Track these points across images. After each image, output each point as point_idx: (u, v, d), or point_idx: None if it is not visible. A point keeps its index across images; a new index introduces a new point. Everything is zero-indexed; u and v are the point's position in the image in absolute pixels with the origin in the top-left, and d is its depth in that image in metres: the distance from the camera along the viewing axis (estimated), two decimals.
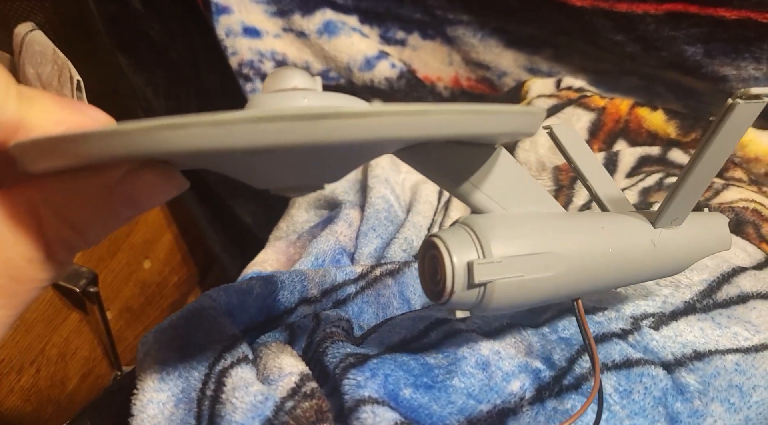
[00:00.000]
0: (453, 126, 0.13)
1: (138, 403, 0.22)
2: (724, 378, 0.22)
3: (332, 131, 0.12)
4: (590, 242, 0.20)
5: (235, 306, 0.26)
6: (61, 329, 0.47)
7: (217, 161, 0.15)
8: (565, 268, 0.19)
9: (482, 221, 0.19)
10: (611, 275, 0.21)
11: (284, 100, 0.16)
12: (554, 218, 0.20)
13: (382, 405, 0.20)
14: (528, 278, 0.18)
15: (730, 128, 0.18)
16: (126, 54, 0.55)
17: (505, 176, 0.20)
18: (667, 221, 0.21)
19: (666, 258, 0.22)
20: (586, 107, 0.40)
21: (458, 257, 0.18)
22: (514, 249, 0.18)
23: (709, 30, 0.41)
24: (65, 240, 0.16)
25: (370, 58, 0.54)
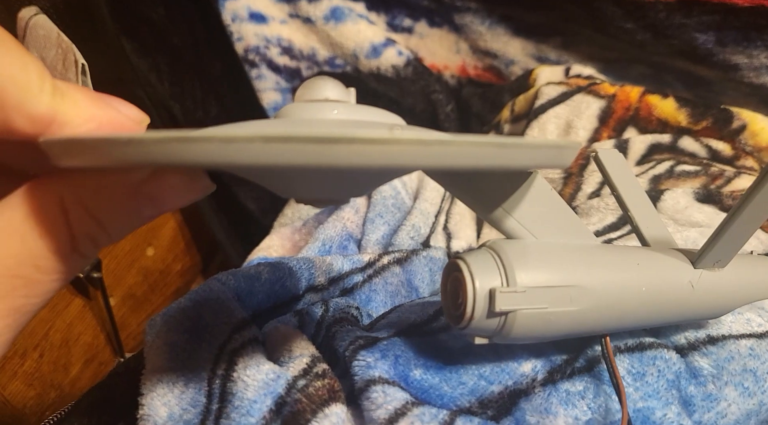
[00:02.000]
0: (473, 158, 0.13)
1: (148, 382, 0.22)
2: (738, 363, 0.22)
3: (345, 156, 0.11)
4: (622, 279, 0.19)
5: (243, 291, 0.26)
6: (65, 314, 0.47)
7: (240, 170, 0.15)
8: (593, 303, 0.18)
9: (509, 248, 0.18)
10: (643, 314, 0.20)
11: (314, 112, 0.16)
12: (586, 250, 0.19)
13: (392, 385, 0.20)
14: (552, 310, 0.18)
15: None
16: (130, 38, 0.54)
17: (540, 202, 0.19)
18: (709, 263, 0.20)
19: (705, 301, 0.21)
20: (595, 94, 0.40)
21: (481, 282, 0.18)
22: (540, 280, 0.18)
23: (721, 17, 0.41)
24: (90, 234, 0.16)
25: (377, 46, 0.54)
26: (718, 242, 0.20)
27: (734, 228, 0.19)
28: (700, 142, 0.37)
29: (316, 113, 0.16)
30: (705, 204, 0.31)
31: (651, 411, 0.20)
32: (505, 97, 0.50)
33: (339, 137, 0.11)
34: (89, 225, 0.16)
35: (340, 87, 0.17)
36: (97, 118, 0.15)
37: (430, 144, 0.12)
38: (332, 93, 0.16)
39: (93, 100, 0.15)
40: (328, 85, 0.16)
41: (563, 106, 0.41)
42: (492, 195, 0.18)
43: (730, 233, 0.19)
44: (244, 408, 0.19)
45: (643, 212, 0.24)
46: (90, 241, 0.16)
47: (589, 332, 0.20)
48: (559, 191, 0.38)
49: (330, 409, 0.19)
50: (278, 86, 0.56)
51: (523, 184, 0.18)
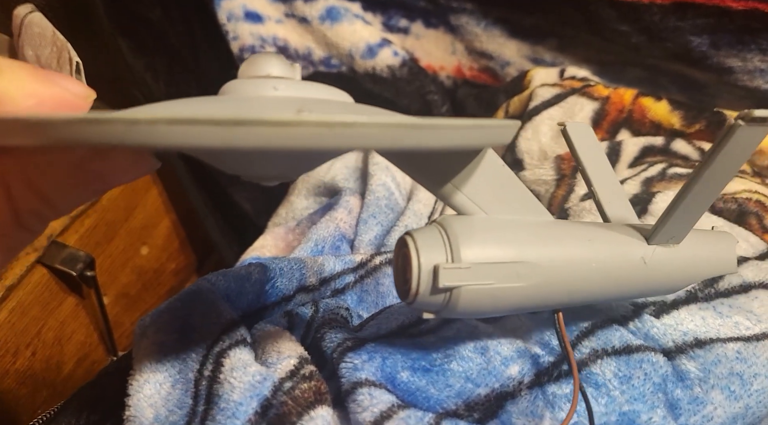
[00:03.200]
0: (383, 140, 0.12)
1: (135, 383, 0.22)
2: (725, 366, 0.22)
3: (248, 138, 0.11)
4: (572, 255, 0.19)
5: (233, 291, 0.26)
6: (57, 312, 0.47)
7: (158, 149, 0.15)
8: (540, 279, 0.18)
9: (457, 223, 0.18)
10: (594, 289, 0.20)
11: (254, 89, 0.15)
12: (537, 226, 0.19)
13: (379, 387, 0.20)
14: (498, 286, 0.18)
15: (731, 151, 0.17)
16: (126, 38, 0.54)
17: (490, 178, 0.19)
18: (662, 239, 0.20)
19: (658, 277, 0.21)
20: (589, 96, 0.40)
21: (426, 258, 0.17)
22: (486, 255, 0.18)
23: (715, 20, 0.41)
24: (35, 210, 0.16)
25: (373, 46, 0.54)
26: (671, 217, 0.19)
27: (687, 203, 0.19)
28: (692, 145, 0.37)
29: (256, 90, 0.16)
30: None
31: (636, 414, 0.20)
32: (500, 98, 0.50)
33: (241, 120, 0.11)
34: (33, 201, 0.16)
35: (284, 63, 0.16)
36: (38, 94, 0.14)
37: (334, 126, 0.12)
38: (275, 69, 0.16)
39: (35, 77, 0.14)
40: (271, 61, 0.16)
41: (557, 108, 0.41)
42: (440, 171, 0.18)
43: (683, 209, 0.19)
44: (229, 411, 0.19)
45: (607, 187, 0.23)
46: (36, 216, 0.16)
47: (540, 307, 0.20)
48: (552, 192, 0.38)
49: (316, 412, 0.19)
50: None
51: (473, 160, 0.18)
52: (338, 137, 0.12)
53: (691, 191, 0.18)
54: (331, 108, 0.15)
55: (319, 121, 0.12)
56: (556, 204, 0.38)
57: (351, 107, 0.16)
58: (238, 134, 0.11)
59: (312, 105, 0.15)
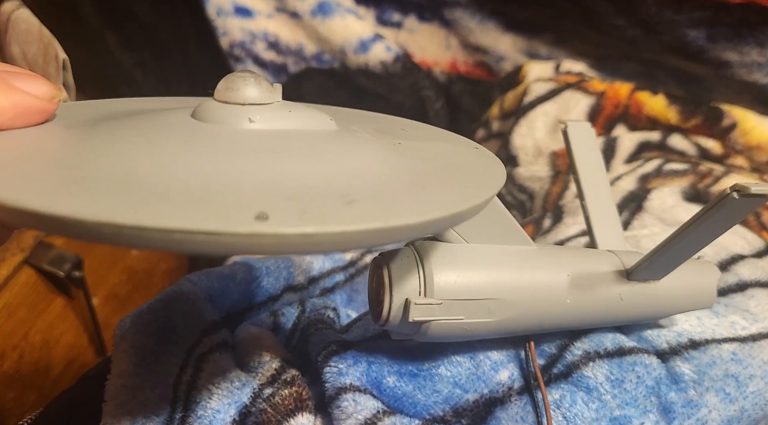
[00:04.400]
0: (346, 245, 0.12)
1: (112, 388, 0.21)
2: (720, 368, 0.21)
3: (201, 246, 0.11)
4: (546, 292, 0.19)
5: (216, 291, 0.25)
6: (45, 314, 0.46)
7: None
8: (512, 315, 0.18)
9: (433, 252, 0.18)
10: (565, 322, 0.20)
11: (230, 118, 0.15)
12: (515, 257, 0.19)
13: (364, 393, 0.19)
14: (468, 321, 0.18)
15: (722, 218, 0.17)
16: (114, 33, 0.54)
17: None
18: (643, 277, 0.20)
19: (633, 312, 0.21)
20: (584, 91, 0.39)
21: (399, 288, 0.17)
22: (459, 291, 0.18)
23: (712, 14, 0.40)
24: None
25: (365, 41, 0.53)
26: (655, 261, 0.19)
27: (673, 251, 0.19)
28: (689, 140, 0.36)
29: (233, 121, 0.15)
30: (692, 203, 0.31)
31: (628, 419, 0.19)
32: (495, 93, 0.50)
33: (196, 230, 0.11)
34: None
35: (263, 85, 0.15)
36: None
37: (292, 237, 0.11)
38: (252, 93, 0.15)
39: None
40: (249, 84, 0.15)
41: (552, 103, 0.40)
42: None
43: (669, 255, 0.19)
44: (206, 418, 0.18)
45: (600, 205, 0.23)
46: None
47: (510, 335, 0.20)
48: (546, 189, 0.38)
49: (296, 420, 0.18)
50: None
51: None
52: (295, 246, 0.11)
53: (677, 243, 0.18)
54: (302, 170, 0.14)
55: (275, 233, 0.11)
56: (551, 201, 0.37)
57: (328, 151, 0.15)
58: (191, 241, 0.11)
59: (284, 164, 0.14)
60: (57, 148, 0.14)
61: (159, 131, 0.14)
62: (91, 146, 0.14)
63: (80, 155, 0.13)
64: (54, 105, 0.15)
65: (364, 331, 0.23)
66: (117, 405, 0.20)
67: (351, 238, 0.12)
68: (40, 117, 0.14)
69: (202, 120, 0.15)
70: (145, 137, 0.14)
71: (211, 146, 0.14)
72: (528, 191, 0.39)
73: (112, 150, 0.13)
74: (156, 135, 0.14)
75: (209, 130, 0.15)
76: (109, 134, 0.14)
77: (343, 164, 0.14)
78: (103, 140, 0.14)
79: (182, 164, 0.13)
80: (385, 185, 0.14)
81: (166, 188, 0.12)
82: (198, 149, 0.14)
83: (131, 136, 0.14)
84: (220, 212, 0.11)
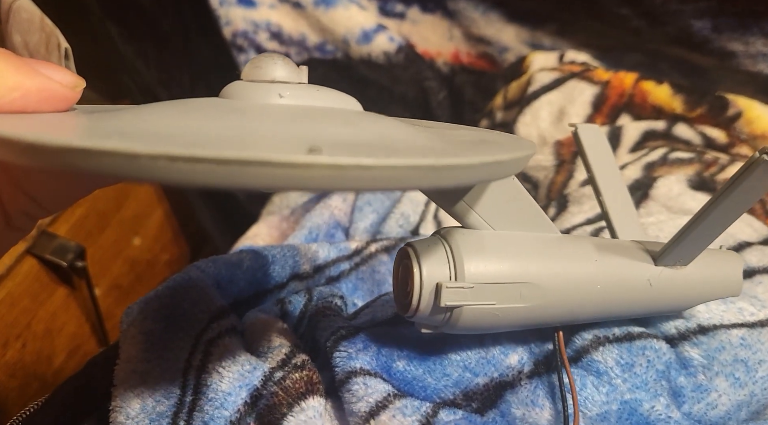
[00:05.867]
0: (401, 182, 0.12)
1: (121, 373, 0.21)
2: (729, 353, 0.21)
3: (256, 179, 0.11)
4: (577, 276, 0.19)
5: (223, 278, 0.25)
6: (48, 304, 0.46)
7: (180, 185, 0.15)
8: (543, 300, 0.18)
9: (461, 239, 0.18)
10: (597, 310, 0.20)
11: (260, 95, 0.15)
12: (543, 243, 0.19)
13: (374, 376, 0.19)
14: (500, 307, 0.18)
15: (751, 185, 0.16)
16: (116, 23, 0.53)
17: (500, 194, 0.18)
18: (670, 261, 0.20)
19: (663, 299, 0.20)
20: (589, 81, 0.39)
21: (428, 274, 0.17)
22: (490, 275, 0.17)
23: (717, 4, 0.40)
24: (24, 211, 0.15)
25: (368, 31, 0.53)
26: (682, 242, 0.19)
27: (698, 232, 0.18)
28: (694, 129, 0.36)
29: (261, 96, 0.15)
30: (698, 191, 0.30)
31: (638, 403, 0.19)
32: (498, 84, 0.49)
33: (249, 159, 0.10)
34: (24, 202, 0.15)
35: (290, 66, 0.16)
36: (22, 86, 0.14)
37: (348, 169, 0.11)
38: (281, 72, 0.15)
39: (18, 68, 0.14)
40: (277, 63, 0.15)
41: (556, 92, 0.40)
42: (454, 191, 0.18)
43: (696, 235, 0.19)
44: (218, 401, 0.18)
45: (617, 199, 0.23)
46: (25, 216, 0.16)
47: (541, 325, 0.20)
48: (551, 178, 0.38)
49: (307, 403, 0.18)
50: None
51: None
52: (351, 180, 0.11)
53: (706, 219, 0.18)
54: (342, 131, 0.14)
55: (331, 163, 0.11)
56: (556, 190, 0.37)
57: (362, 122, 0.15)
58: (245, 173, 0.11)
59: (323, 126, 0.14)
60: (87, 120, 0.14)
61: (189, 106, 0.14)
62: (122, 117, 0.14)
63: (112, 122, 0.13)
64: (77, 94, 0.15)
65: (372, 317, 0.23)
66: (127, 388, 0.20)
67: (405, 174, 0.12)
68: (64, 104, 0.15)
69: (231, 98, 0.15)
70: (176, 109, 0.14)
71: (245, 112, 0.14)
72: (532, 180, 0.39)
73: (145, 118, 0.13)
74: (187, 108, 0.14)
75: (240, 104, 0.15)
76: (138, 111, 0.14)
77: (380, 130, 0.14)
78: (132, 114, 0.14)
79: (220, 123, 0.13)
80: (425, 145, 0.14)
81: (210, 134, 0.12)
82: (232, 113, 0.14)
83: (161, 110, 0.14)
84: (272, 146, 0.11)
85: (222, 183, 0.11)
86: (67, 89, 0.14)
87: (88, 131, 0.12)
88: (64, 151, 0.11)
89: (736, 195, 0.17)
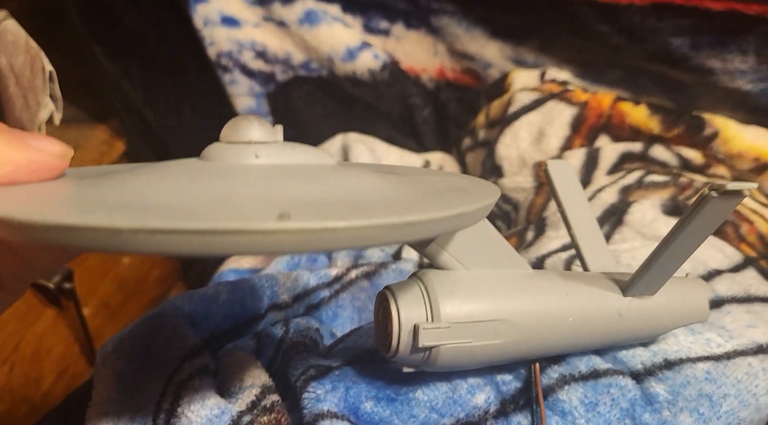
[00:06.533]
0: (366, 240, 0.13)
1: (93, 415, 0.21)
2: (693, 388, 0.21)
3: (228, 245, 0.11)
4: (549, 310, 0.20)
5: (199, 314, 0.26)
6: (35, 326, 0.47)
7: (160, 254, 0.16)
8: (518, 336, 0.19)
9: (437, 280, 0.19)
10: (570, 342, 0.20)
11: (236, 156, 0.16)
12: (516, 280, 0.20)
13: (341, 419, 0.20)
14: (476, 344, 0.18)
15: (703, 219, 0.17)
16: (101, 43, 0.53)
17: (472, 235, 0.19)
18: (638, 292, 0.21)
19: (633, 329, 0.21)
20: (568, 102, 0.40)
21: (406, 316, 0.18)
22: (466, 314, 0.18)
23: (694, 21, 0.40)
24: (17, 274, 0.16)
25: (353, 49, 0.53)
26: (647, 273, 0.20)
27: (662, 261, 0.19)
28: (671, 150, 0.37)
29: (240, 157, 0.16)
30: (672, 217, 0.31)
31: None
32: (481, 101, 0.50)
33: (222, 229, 0.11)
34: (16, 265, 0.16)
35: (266, 126, 0.16)
36: (13, 160, 0.14)
37: (315, 232, 0.12)
38: (257, 133, 0.16)
39: (8, 142, 0.14)
40: (253, 126, 0.16)
41: (536, 113, 0.40)
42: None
43: (659, 266, 0.19)
44: None
45: (587, 233, 0.24)
46: (18, 279, 0.16)
47: (517, 359, 0.20)
48: (531, 200, 0.38)
49: None
50: (252, 91, 0.56)
51: None
52: (319, 242, 0.12)
53: (666, 251, 0.19)
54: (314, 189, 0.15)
55: (300, 228, 0.12)
56: (535, 212, 0.37)
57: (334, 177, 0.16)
58: (220, 242, 0.11)
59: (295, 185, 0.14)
60: (73, 190, 0.15)
61: (170, 170, 0.15)
62: (106, 186, 0.14)
63: (97, 192, 0.14)
64: (65, 162, 0.16)
65: (344, 354, 0.23)
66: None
67: (369, 233, 0.12)
68: (53, 174, 0.15)
69: (211, 160, 0.16)
70: (158, 175, 0.15)
71: (223, 175, 0.15)
72: (513, 201, 0.39)
73: (128, 186, 0.14)
74: (168, 174, 0.15)
75: (219, 165, 0.15)
76: (121, 178, 0.15)
77: (350, 186, 0.15)
78: (117, 181, 0.15)
79: (198, 188, 0.14)
80: (392, 198, 0.15)
81: (188, 204, 0.13)
82: (211, 177, 0.14)
83: (144, 176, 0.15)
84: (244, 214, 0.12)
85: (200, 251, 0.11)
86: (56, 159, 0.15)
87: (74, 204, 0.13)
88: (50, 228, 0.11)
89: (691, 229, 0.18)
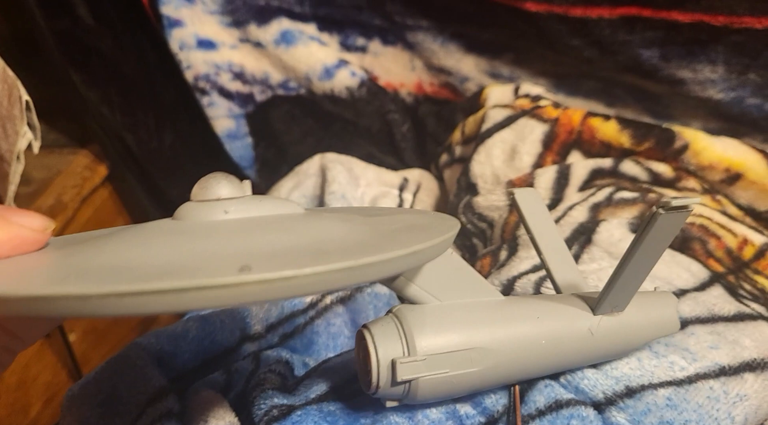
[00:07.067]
0: (327, 285, 0.13)
1: None
2: (654, 415, 0.21)
3: (194, 301, 0.12)
4: (522, 335, 0.20)
5: (166, 353, 0.26)
6: (20, 355, 0.47)
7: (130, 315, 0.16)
8: (494, 362, 0.19)
9: (411, 315, 0.19)
10: (545, 365, 0.21)
11: (206, 213, 0.16)
12: (487, 309, 0.20)
13: None
14: (454, 374, 0.19)
15: (656, 236, 0.18)
16: (78, 70, 0.54)
17: (440, 267, 0.20)
18: (607, 309, 0.21)
19: (605, 346, 0.22)
20: (539, 118, 0.40)
21: (384, 352, 0.19)
22: (440, 345, 0.19)
23: (663, 33, 0.40)
24: (4, 346, 0.17)
25: (330, 68, 0.53)
26: (612, 290, 0.20)
27: (624, 278, 0.20)
28: (641, 165, 0.37)
29: (209, 214, 0.16)
30: None
31: None
32: (458, 116, 0.50)
33: (186, 287, 0.12)
34: (2, 338, 0.17)
35: (234, 183, 0.17)
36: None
37: (274, 282, 0.12)
38: (225, 191, 0.17)
39: None
40: (221, 182, 0.17)
41: (508, 130, 0.41)
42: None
43: (622, 283, 0.20)
44: None
45: (557, 255, 0.25)
46: (5, 351, 0.17)
47: (496, 385, 0.21)
48: (505, 218, 0.38)
49: None
50: (231, 113, 0.56)
51: None
52: (279, 290, 0.13)
53: (624, 270, 0.19)
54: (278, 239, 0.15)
55: (259, 279, 0.12)
56: (509, 230, 0.37)
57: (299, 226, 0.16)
58: (185, 299, 0.12)
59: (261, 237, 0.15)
60: (52, 260, 0.16)
61: (143, 232, 0.16)
62: (83, 253, 0.15)
63: (74, 260, 0.15)
64: (47, 236, 0.16)
65: (309, 391, 0.23)
66: None
67: (328, 278, 0.13)
68: (35, 247, 0.16)
69: (182, 219, 0.17)
70: (131, 239, 0.16)
71: (192, 233, 0.16)
72: (488, 219, 0.39)
73: (103, 251, 0.15)
74: (141, 236, 0.16)
75: (189, 224, 0.16)
76: (98, 245, 0.16)
77: (312, 233, 0.16)
78: (92, 248, 0.15)
79: (168, 249, 0.15)
80: (352, 241, 0.15)
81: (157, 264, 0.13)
82: (181, 236, 0.15)
83: (118, 241, 0.16)
84: (207, 271, 0.13)
85: (169, 309, 0.12)
86: (37, 234, 0.16)
87: (48, 274, 0.14)
88: (24, 300, 0.12)
89: (646, 246, 0.19)
